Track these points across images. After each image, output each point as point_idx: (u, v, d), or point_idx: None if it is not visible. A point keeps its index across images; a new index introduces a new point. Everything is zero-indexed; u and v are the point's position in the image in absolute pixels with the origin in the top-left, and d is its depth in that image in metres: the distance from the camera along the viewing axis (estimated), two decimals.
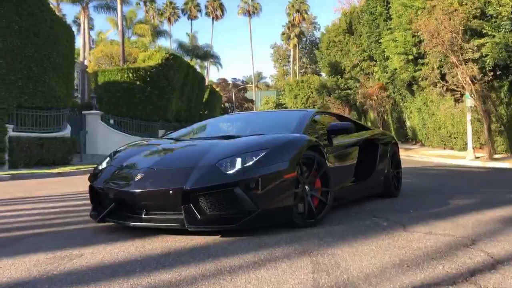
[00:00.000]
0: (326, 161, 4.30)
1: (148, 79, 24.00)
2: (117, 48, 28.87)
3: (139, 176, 3.68)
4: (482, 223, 4.06)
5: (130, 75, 23.71)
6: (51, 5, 17.79)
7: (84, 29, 33.13)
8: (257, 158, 3.59)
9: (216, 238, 3.51)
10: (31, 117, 16.58)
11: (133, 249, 3.22)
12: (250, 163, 3.54)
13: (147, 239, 3.55)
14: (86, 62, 31.91)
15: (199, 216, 3.44)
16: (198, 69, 66.27)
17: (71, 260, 2.94)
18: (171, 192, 3.46)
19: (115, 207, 3.79)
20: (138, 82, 23.81)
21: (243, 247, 3.19)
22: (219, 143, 4.15)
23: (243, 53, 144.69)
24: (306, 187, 3.97)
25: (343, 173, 5.02)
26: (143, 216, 3.65)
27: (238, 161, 3.56)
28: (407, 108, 25.11)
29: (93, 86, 24.88)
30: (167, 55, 25.17)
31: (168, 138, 5.06)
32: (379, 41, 24.31)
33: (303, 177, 3.96)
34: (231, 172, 3.48)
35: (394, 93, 25.77)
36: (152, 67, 24.18)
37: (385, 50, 22.41)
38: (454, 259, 2.83)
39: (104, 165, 4.31)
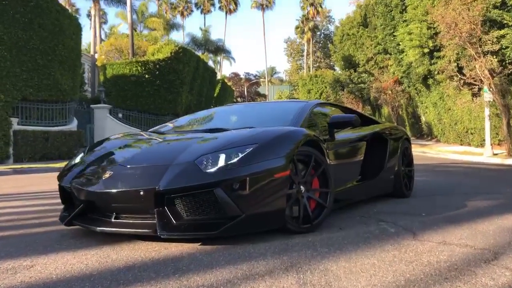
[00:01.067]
0: (326, 158, 3.80)
1: (157, 72, 23.64)
2: (126, 41, 28.54)
3: (107, 174, 3.21)
4: (504, 231, 3.53)
5: (139, 68, 23.37)
6: None
7: (94, 22, 32.88)
8: (243, 154, 3.10)
9: (195, 247, 3.04)
10: (36, 110, 16.32)
11: (93, 260, 2.76)
12: (235, 160, 3.06)
13: (117, 246, 3.09)
14: (96, 56, 31.66)
15: (174, 222, 2.97)
16: (211, 63, 66.20)
17: (14, 274, 2.49)
18: (142, 193, 2.98)
19: (83, 209, 3.34)
20: (146, 76, 23.47)
21: (221, 259, 2.71)
22: (204, 136, 3.68)
23: (256, 47, 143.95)
24: (302, 187, 3.48)
25: (347, 171, 4.52)
26: (112, 220, 3.19)
27: (222, 157, 3.08)
28: (422, 103, 24.36)
29: (102, 79, 24.58)
30: (176, 48, 24.73)
31: (152, 132, 4.59)
32: (394, 34, 23.59)
33: (298, 176, 3.46)
34: (211, 170, 3.00)
35: (409, 87, 25.02)
36: (161, 60, 23.81)
37: (400, 43, 21.70)
38: (472, 279, 2.32)
39: (76, 160, 3.86)
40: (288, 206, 3.34)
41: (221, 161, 3.05)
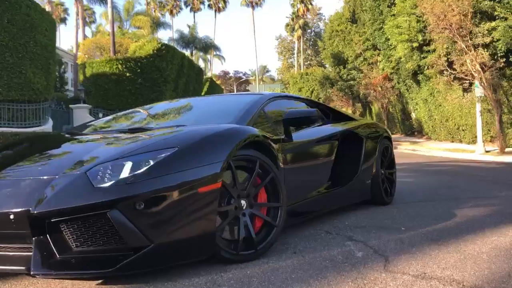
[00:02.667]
0: (278, 163, 3.04)
1: (139, 70, 22.79)
2: (108, 39, 27.64)
3: None
4: (501, 254, 2.79)
5: (120, 66, 22.51)
6: None
7: (76, 20, 31.99)
8: (155, 161, 2.33)
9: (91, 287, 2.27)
10: (6, 110, 15.45)
11: None
12: (142, 170, 2.29)
13: None
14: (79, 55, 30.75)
15: (57, 255, 2.19)
16: (201, 62, 65.24)
17: None
18: (11, 216, 2.21)
19: None
20: (128, 74, 22.62)
21: None
22: (118, 137, 2.92)
23: (248, 46, 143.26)
24: (243, 202, 2.72)
25: (312, 178, 3.78)
26: None
27: (127, 166, 2.30)
28: (412, 99, 23.68)
29: (82, 78, 23.72)
30: (159, 45, 23.88)
31: (73, 131, 3.81)
32: (383, 29, 22.89)
33: (238, 188, 2.70)
34: (106, 185, 2.22)
35: (398, 83, 24.34)
36: (143, 57, 22.97)
37: (389, 37, 21.02)
38: None
39: None
40: (222, 227, 2.59)
41: (125, 172, 2.28)
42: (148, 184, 2.23)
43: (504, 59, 14.20)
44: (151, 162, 2.32)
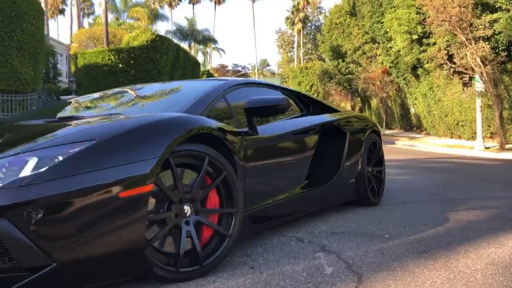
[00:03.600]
0: (237, 159, 2.55)
1: (132, 61, 22.27)
2: (102, 29, 27.08)
3: None
4: (500, 270, 2.33)
5: (112, 57, 21.99)
6: None
7: (71, 11, 31.43)
8: (64, 157, 1.86)
9: None
10: None
11: None
12: (46, 168, 1.82)
13: None
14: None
15: None
16: (201, 55, 64.53)
17: None
18: None
19: None
20: (120, 65, 22.10)
21: None
22: (38, 128, 2.45)
23: (248, 40, 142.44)
24: (186, 208, 2.25)
25: (282, 177, 3.30)
26: None
27: (30, 163, 1.82)
28: (411, 94, 23.17)
29: (73, 69, 23.21)
30: (153, 36, 23.34)
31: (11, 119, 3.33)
32: (382, 21, 22.33)
33: (180, 191, 2.23)
34: None
35: (398, 77, 23.79)
36: (136, 48, 22.44)
37: (388, 30, 20.49)
38: None
39: None
40: (158, 238, 2.12)
41: (26, 170, 1.80)
42: (51, 186, 1.76)
43: (506, 53, 13.73)
44: (60, 158, 1.84)
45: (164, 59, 23.98)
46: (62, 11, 59.96)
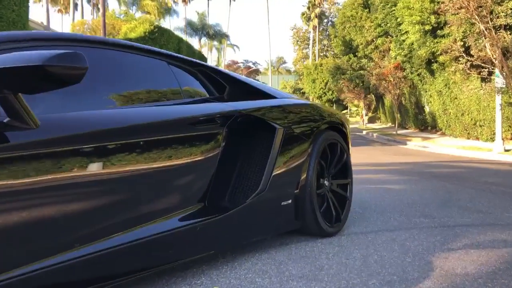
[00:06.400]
0: None
1: None
2: (99, 20, 26.02)
3: None
4: None
5: None
6: None
7: (82, 2, 30.56)
8: None
9: None
10: None
11: None
12: None
13: None
14: None
15: None
16: (215, 52, 63.32)
17: None
18: None
19: None
20: None
21: None
22: None
23: (264, 37, 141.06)
24: None
25: (114, 203, 1.92)
26: None
27: None
28: (426, 91, 21.55)
29: None
30: (151, 27, 22.22)
31: None
32: (394, 12, 20.78)
33: None
34: None
35: (411, 73, 22.17)
36: (133, 40, 21.27)
37: (399, 19, 18.96)
38: None
39: None
40: None
41: None
42: None
43: None
44: None
45: None
46: (76, 6, 59.51)
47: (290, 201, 2.67)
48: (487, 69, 13.32)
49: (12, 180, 1.49)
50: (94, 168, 1.74)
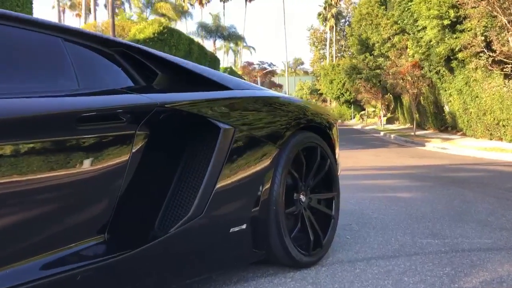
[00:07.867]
0: None
1: None
2: (116, 23, 25.75)
3: None
4: None
5: None
6: None
7: (94, 6, 30.46)
8: None
9: None
10: None
11: None
12: None
13: None
14: None
15: None
16: (231, 54, 62.90)
17: None
18: None
19: None
20: None
21: None
22: None
23: (280, 38, 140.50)
24: None
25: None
26: None
27: None
28: (445, 90, 20.59)
29: None
30: (161, 28, 21.78)
31: None
32: (411, 8, 19.92)
33: None
34: None
35: (430, 71, 21.24)
36: (142, 42, 20.85)
37: (416, 15, 18.11)
38: None
39: None
40: None
41: None
42: None
43: None
44: None
45: (173, 53, 22.32)
46: (90, 10, 59.88)
47: (243, 226, 2.01)
48: (510, 65, 12.49)
49: None
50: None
